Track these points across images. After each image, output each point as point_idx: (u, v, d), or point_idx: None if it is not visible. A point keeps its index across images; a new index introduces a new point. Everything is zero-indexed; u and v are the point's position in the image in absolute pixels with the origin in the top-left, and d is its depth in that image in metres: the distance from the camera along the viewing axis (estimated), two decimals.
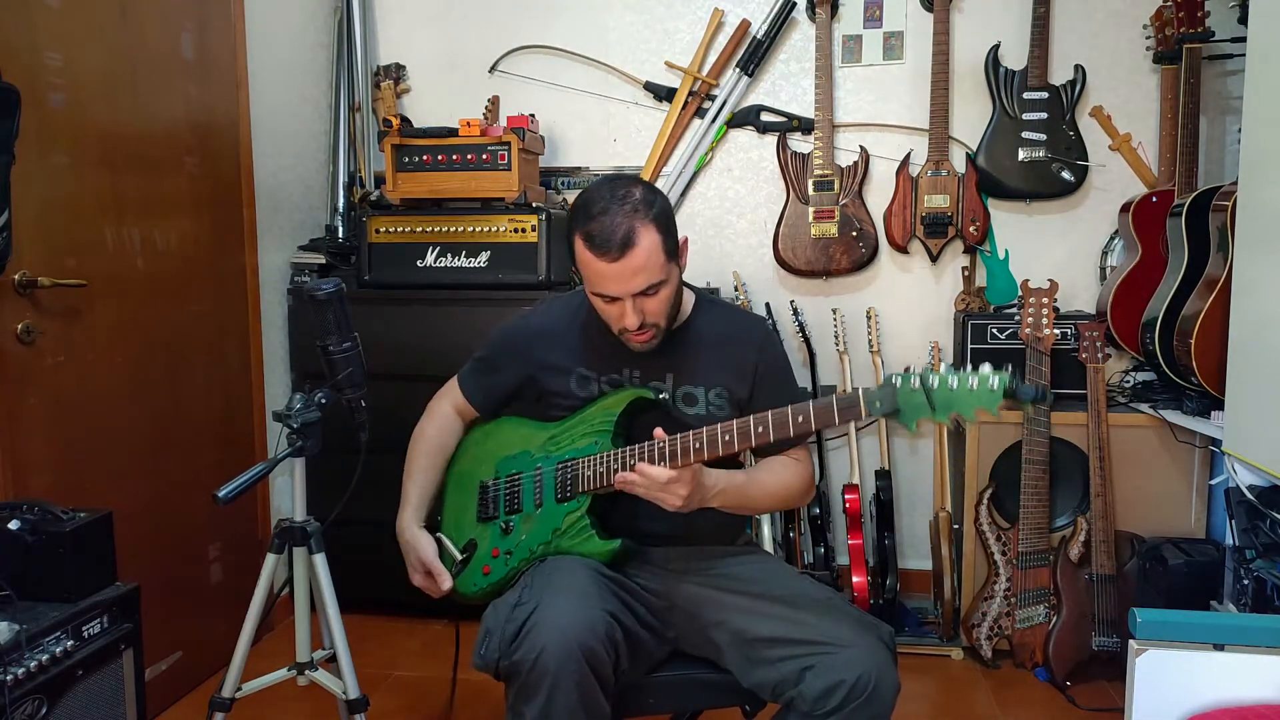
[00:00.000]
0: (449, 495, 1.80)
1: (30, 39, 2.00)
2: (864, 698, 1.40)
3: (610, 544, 1.60)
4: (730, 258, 3.17)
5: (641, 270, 1.52)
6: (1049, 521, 2.58)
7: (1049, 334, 2.54)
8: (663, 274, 1.55)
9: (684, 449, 1.51)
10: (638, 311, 1.55)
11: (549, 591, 1.48)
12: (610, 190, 1.55)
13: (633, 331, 1.58)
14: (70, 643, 1.55)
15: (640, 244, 1.51)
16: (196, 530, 2.55)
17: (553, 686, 1.36)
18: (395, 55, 3.28)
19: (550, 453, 1.68)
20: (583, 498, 1.62)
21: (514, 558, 1.66)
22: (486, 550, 1.69)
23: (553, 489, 1.65)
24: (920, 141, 3.00)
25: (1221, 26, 2.66)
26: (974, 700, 2.50)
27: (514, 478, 1.71)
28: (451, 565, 1.71)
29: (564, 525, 1.63)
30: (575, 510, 1.62)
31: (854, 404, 1.41)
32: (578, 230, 1.54)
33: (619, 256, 1.50)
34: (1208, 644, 1.42)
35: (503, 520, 1.70)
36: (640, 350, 1.64)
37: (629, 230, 1.50)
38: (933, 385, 1.35)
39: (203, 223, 2.57)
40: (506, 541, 1.68)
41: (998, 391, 1.32)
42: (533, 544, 1.65)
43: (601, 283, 1.54)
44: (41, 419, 2.05)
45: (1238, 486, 2.16)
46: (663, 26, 3.16)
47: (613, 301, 1.56)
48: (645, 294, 1.55)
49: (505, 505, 1.70)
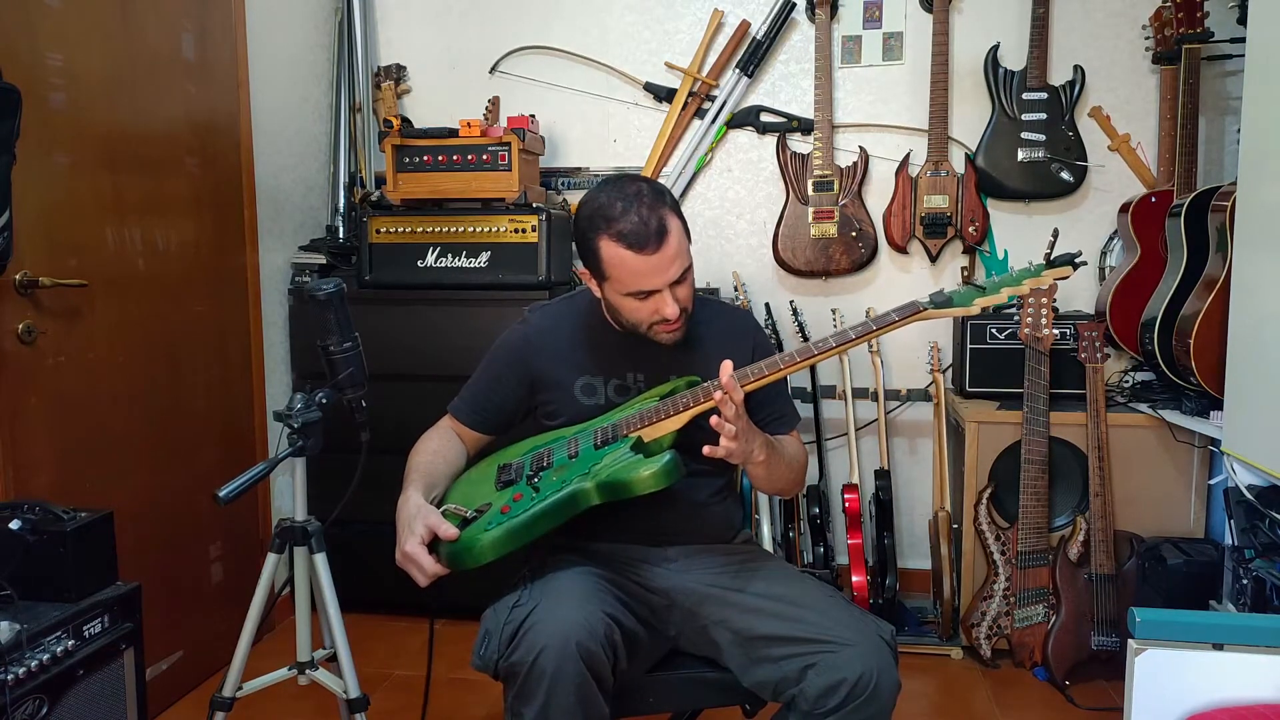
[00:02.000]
0: (457, 486, 1.70)
1: (31, 39, 2.00)
2: (865, 696, 1.40)
3: (661, 459, 1.46)
4: (730, 258, 3.17)
5: (676, 257, 1.55)
6: (1048, 521, 2.59)
7: (1048, 334, 2.54)
8: (689, 257, 1.59)
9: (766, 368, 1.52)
10: (675, 299, 1.57)
11: (547, 593, 1.48)
12: (620, 191, 1.56)
13: (671, 321, 1.58)
14: (71, 642, 1.55)
15: (671, 231, 1.54)
16: (197, 530, 2.56)
17: (551, 687, 1.36)
18: (395, 55, 3.29)
19: (589, 426, 1.64)
20: (625, 440, 1.55)
21: (540, 495, 1.50)
22: (508, 498, 1.53)
23: (590, 441, 1.59)
24: (920, 142, 3.00)
25: (1221, 27, 2.67)
26: (973, 700, 2.50)
27: (541, 452, 1.63)
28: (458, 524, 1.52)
29: (603, 462, 1.52)
30: (617, 448, 1.54)
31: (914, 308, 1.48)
32: (603, 234, 1.53)
33: (658, 247, 1.52)
34: (1207, 644, 1.42)
35: (527, 478, 1.56)
36: (668, 341, 1.63)
37: (659, 220, 1.53)
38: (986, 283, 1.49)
39: (203, 223, 2.57)
40: (534, 484, 1.55)
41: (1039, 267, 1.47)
42: (568, 477, 1.51)
43: (640, 279, 1.54)
44: (42, 419, 2.05)
45: (1237, 486, 2.16)
46: (663, 27, 3.16)
47: (648, 297, 1.56)
48: (680, 281, 1.57)
49: (530, 468, 1.59)
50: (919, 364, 3.07)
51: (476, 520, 1.51)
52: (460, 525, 1.51)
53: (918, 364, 3.08)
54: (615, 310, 1.63)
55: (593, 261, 1.59)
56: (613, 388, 1.69)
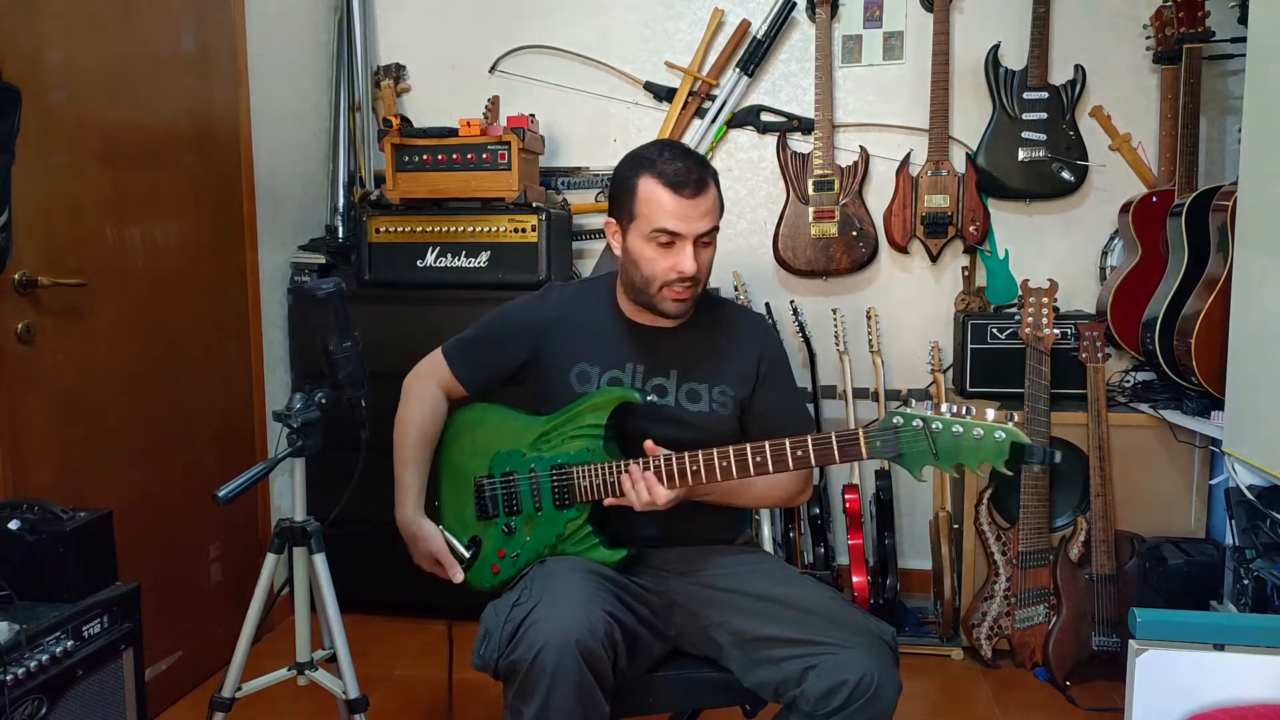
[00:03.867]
0: (444, 487, 1.77)
1: (31, 37, 2.00)
2: (866, 698, 1.40)
3: (616, 554, 1.62)
4: (730, 258, 3.16)
5: (709, 213, 1.59)
6: (1049, 521, 2.58)
7: (1049, 334, 2.54)
8: (719, 226, 1.62)
9: (680, 471, 1.53)
10: (695, 258, 1.58)
11: (547, 591, 1.48)
12: (670, 147, 1.62)
13: (685, 282, 1.59)
14: (70, 643, 1.54)
15: (710, 188, 1.59)
16: (196, 530, 2.55)
17: (550, 686, 1.36)
18: (395, 55, 3.28)
19: (542, 453, 1.67)
20: (581, 506, 1.63)
21: (520, 559, 1.67)
22: (492, 550, 1.69)
23: (550, 494, 1.65)
24: (920, 141, 3.00)
25: (1221, 26, 2.66)
26: (974, 700, 2.50)
27: (509, 478, 1.69)
28: (460, 562, 1.71)
29: (567, 531, 1.64)
30: (576, 518, 1.63)
31: (855, 443, 1.43)
32: (645, 173, 1.58)
33: (695, 194, 1.56)
34: (1208, 644, 1.42)
35: (503, 522, 1.69)
36: (674, 311, 1.63)
37: (703, 174, 1.58)
38: (936, 431, 1.35)
39: (203, 222, 2.57)
40: (511, 544, 1.68)
41: (1004, 444, 1.32)
42: (538, 546, 1.66)
43: (670, 219, 1.56)
44: (41, 418, 2.05)
45: (1237, 486, 2.16)
46: (663, 26, 3.15)
47: (670, 245, 1.57)
48: (703, 242, 1.60)
49: (504, 506, 1.69)
50: (919, 364, 3.07)
51: (472, 567, 1.69)
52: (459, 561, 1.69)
53: (918, 364, 3.07)
54: (633, 264, 1.62)
55: (627, 201, 1.61)
56: (607, 379, 1.69)
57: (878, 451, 1.41)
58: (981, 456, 1.34)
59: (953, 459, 1.35)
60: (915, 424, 1.37)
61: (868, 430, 1.42)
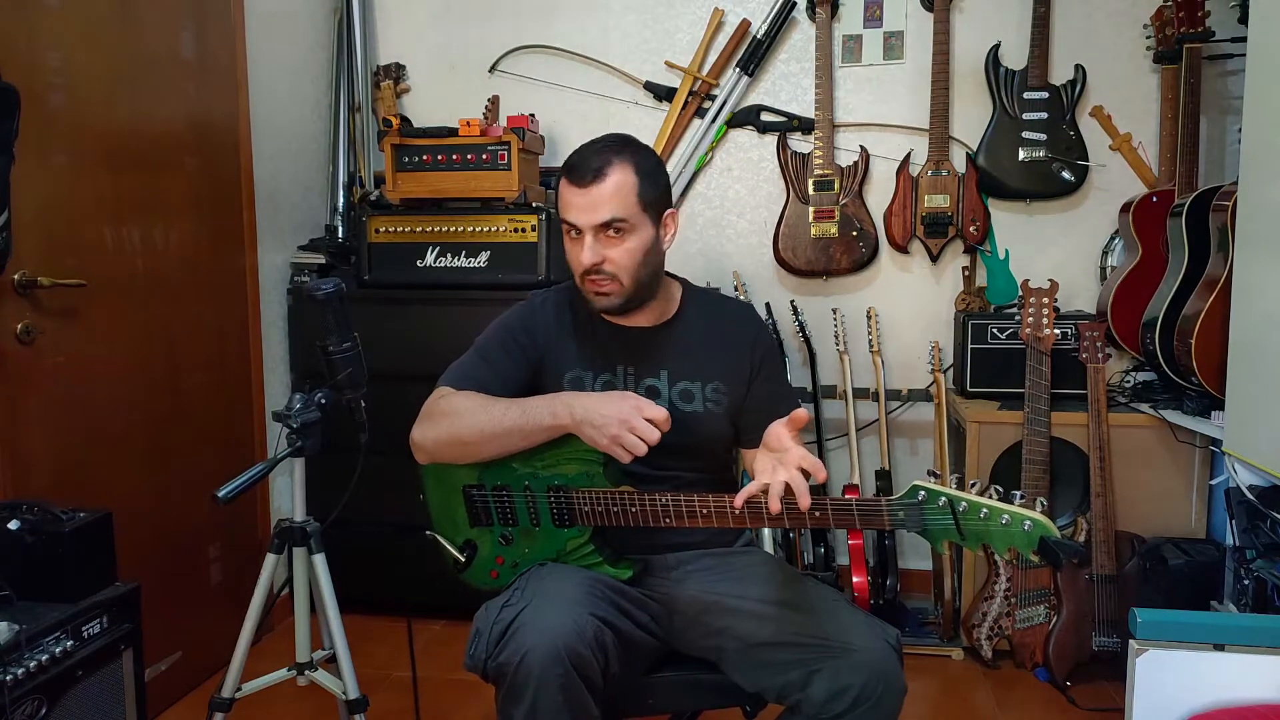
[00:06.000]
0: (430, 490, 1.70)
1: (30, 39, 2.00)
2: (872, 701, 1.39)
3: (624, 571, 1.59)
4: (730, 258, 3.16)
5: (607, 202, 1.53)
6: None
7: (1049, 334, 2.54)
8: (630, 216, 1.54)
9: (688, 512, 1.49)
10: (596, 250, 1.54)
11: (538, 595, 1.46)
12: (595, 140, 1.60)
13: (591, 275, 1.56)
14: (70, 643, 1.54)
15: (611, 177, 1.53)
16: (196, 530, 2.55)
17: (537, 689, 1.35)
18: (395, 55, 3.28)
19: (537, 471, 1.59)
20: (583, 527, 1.59)
21: (520, 567, 1.63)
22: (490, 555, 1.65)
23: (548, 513, 1.59)
24: (920, 141, 3.00)
25: (1221, 26, 2.66)
26: (974, 700, 2.50)
27: (501, 491, 1.62)
28: (452, 565, 1.70)
29: (569, 548, 1.60)
30: (578, 537, 1.59)
31: (879, 512, 1.37)
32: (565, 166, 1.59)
33: (590, 183, 1.53)
34: (1208, 644, 1.42)
35: (499, 532, 1.64)
36: (600, 306, 1.60)
37: (603, 163, 1.54)
38: (962, 511, 1.31)
39: (202, 223, 2.57)
40: (509, 552, 1.64)
41: (1033, 535, 1.28)
42: (538, 558, 1.61)
43: (567, 210, 1.56)
44: (41, 419, 2.05)
45: (1238, 486, 2.16)
46: (663, 26, 3.15)
47: (578, 238, 1.57)
48: (609, 233, 1.54)
49: (498, 516, 1.63)
50: (920, 364, 3.07)
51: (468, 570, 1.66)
52: (452, 563, 1.66)
53: (918, 364, 3.07)
54: None
55: None
56: (601, 384, 1.67)
57: (900, 523, 1.36)
58: (1009, 542, 1.31)
59: (979, 540, 1.32)
60: (940, 501, 1.33)
61: (891, 501, 1.37)
